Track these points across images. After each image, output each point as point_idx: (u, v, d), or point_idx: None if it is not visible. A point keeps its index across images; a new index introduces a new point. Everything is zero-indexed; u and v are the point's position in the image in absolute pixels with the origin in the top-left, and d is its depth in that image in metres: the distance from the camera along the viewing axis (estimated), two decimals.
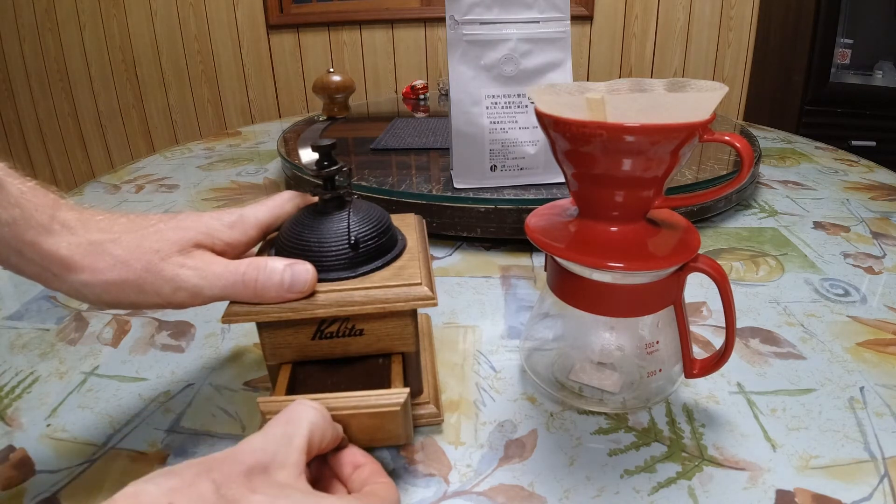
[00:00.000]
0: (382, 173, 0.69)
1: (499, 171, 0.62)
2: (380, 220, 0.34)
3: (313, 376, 0.33)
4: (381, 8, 2.31)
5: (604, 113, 0.28)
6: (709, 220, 0.66)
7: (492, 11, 0.58)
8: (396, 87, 2.39)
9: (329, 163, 0.33)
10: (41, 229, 0.27)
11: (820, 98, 1.84)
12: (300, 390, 0.32)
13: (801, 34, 1.87)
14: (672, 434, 0.35)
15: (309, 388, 0.32)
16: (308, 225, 0.33)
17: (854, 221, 0.66)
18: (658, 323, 0.35)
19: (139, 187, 0.84)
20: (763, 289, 0.52)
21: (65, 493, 0.32)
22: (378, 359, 0.33)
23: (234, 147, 1.07)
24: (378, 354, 0.33)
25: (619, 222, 0.33)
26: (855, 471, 0.32)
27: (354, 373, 0.33)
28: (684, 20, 2.24)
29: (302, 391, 0.32)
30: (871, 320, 0.46)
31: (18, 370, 0.43)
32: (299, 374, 0.33)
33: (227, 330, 0.47)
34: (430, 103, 1.23)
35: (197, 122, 2.47)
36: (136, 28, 2.31)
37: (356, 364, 0.33)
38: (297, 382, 0.32)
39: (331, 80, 1.03)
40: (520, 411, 0.37)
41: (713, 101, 0.29)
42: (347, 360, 0.33)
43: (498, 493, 0.31)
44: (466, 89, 0.60)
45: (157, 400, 0.39)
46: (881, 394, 0.38)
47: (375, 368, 0.33)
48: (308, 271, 0.30)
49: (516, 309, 0.49)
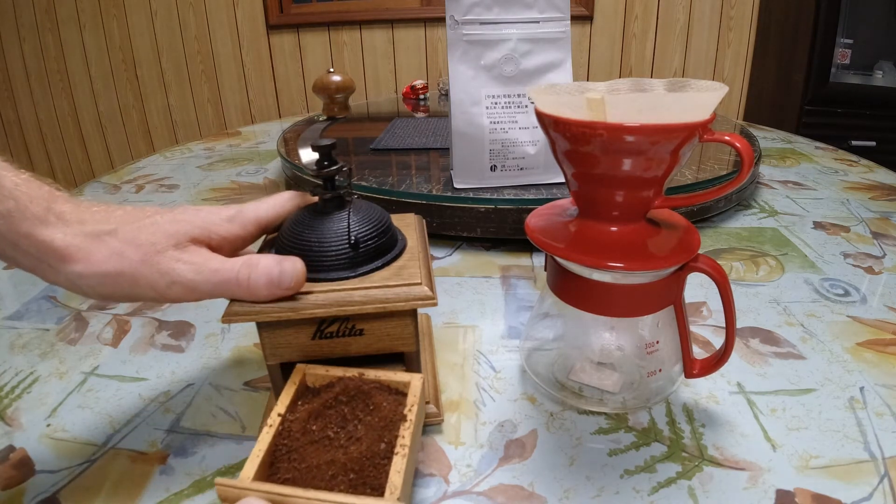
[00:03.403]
0: (382, 173, 0.69)
1: (499, 171, 0.62)
2: (380, 219, 0.34)
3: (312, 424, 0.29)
4: (381, 8, 2.31)
5: (604, 113, 0.28)
6: (709, 220, 0.66)
7: (492, 11, 0.58)
8: (396, 87, 2.39)
9: (329, 163, 0.33)
10: (36, 221, 0.27)
11: (820, 98, 1.85)
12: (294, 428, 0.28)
13: (801, 34, 1.87)
14: (672, 434, 0.35)
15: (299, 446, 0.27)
16: (308, 225, 0.33)
17: (854, 221, 0.66)
18: (658, 323, 0.35)
19: (139, 187, 0.84)
20: (763, 289, 0.52)
21: (65, 493, 0.32)
22: (394, 416, 0.29)
23: (234, 147, 1.07)
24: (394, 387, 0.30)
25: (619, 222, 0.33)
26: (855, 471, 0.32)
27: (361, 428, 0.28)
28: (684, 20, 2.24)
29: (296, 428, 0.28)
30: (871, 320, 0.46)
31: (18, 370, 0.43)
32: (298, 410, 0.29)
33: (227, 330, 0.47)
34: (430, 103, 1.23)
35: (197, 122, 2.47)
36: (136, 28, 2.31)
37: (371, 417, 0.28)
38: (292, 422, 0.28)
39: (331, 81, 1.03)
40: (520, 411, 0.37)
41: (713, 101, 0.29)
42: (364, 403, 0.29)
43: (498, 493, 0.31)
44: (466, 89, 0.60)
45: (157, 400, 0.39)
46: (881, 394, 0.38)
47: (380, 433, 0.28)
48: (295, 267, 0.30)
49: (516, 309, 0.49)
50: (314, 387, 0.31)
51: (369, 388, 0.30)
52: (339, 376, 0.31)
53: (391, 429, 0.27)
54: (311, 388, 0.31)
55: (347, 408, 0.29)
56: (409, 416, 0.28)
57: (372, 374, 0.30)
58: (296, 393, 0.30)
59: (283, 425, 0.28)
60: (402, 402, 0.29)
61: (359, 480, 0.25)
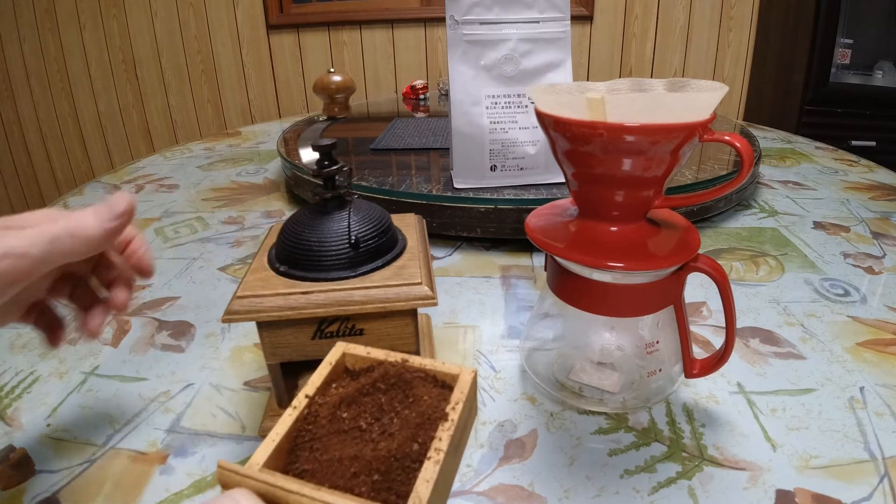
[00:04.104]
0: (382, 173, 0.69)
1: (499, 171, 0.62)
2: (380, 219, 0.34)
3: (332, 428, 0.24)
4: (381, 8, 2.31)
5: (604, 113, 0.28)
6: (709, 220, 0.66)
7: (492, 11, 0.58)
8: (396, 87, 2.39)
9: (329, 163, 0.33)
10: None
11: (820, 98, 1.84)
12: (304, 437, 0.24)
13: (801, 34, 1.87)
14: (672, 434, 0.35)
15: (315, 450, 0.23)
16: (308, 224, 0.33)
17: (854, 221, 0.66)
18: (658, 323, 0.35)
19: (139, 187, 0.84)
20: (763, 289, 0.52)
21: (65, 493, 0.32)
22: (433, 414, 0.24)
23: (234, 147, 1.07)
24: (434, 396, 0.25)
25: (619, 222, 0.33)
26: (855, 471, 0.32)
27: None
28: (684, 20, 2.24)
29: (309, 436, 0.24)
30: (871, 320, 0.46)
31: (18, 370, 0.43)
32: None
33: (227, 330, 0.47)
34: (430, 103, 1.23)
35: (197, 122, 2.47)
36: (136, 28, 2.31)
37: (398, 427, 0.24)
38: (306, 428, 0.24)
39: (331, 80, 1.03)
40: (520, 411, 0.37)
41: (713, 101, 0.29)
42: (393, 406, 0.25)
43: (498, 493, 0.31)
44: (466, 89, 0.60)
45: (157, 400, 0.39)
46: (881, 394, 0.38)
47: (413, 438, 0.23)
48: (121, 195, 0.28)
49: (516, 309, 0.49)
50: (353, 369, 0.28)
51: (412, 377, 0.26)
52: (381, 360, 0.27)
53: (427, 427, 0.24)
54: (350, 370, 0.28)
55: (385, 397, 0.25)
56: (452, 414, 0.24)
57: (417, 362, 0.27)
58: (330, 375, 0.26)
59: (309, 409, 0.24)
60: (447, 397, 0.25)
61: (383, 484, 0.21)
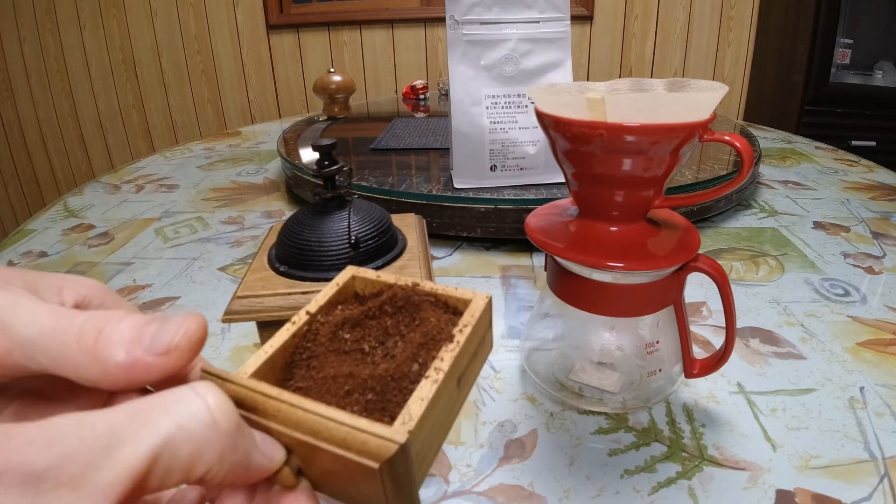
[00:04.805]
0: (382, 173, 0.69)
1: (499, 171, 0.62)
2: (380, 219, 0.34)
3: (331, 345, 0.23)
4: (381, 8, 2.31)
5: (604, 113, 0.28)
6: (709, 220, 0.66)
7: (492, 11, 0.58)
8: (396, 87, 2.39)
9: (329, 162, 0.33)
10: None
11: (820, 98, 1.84)
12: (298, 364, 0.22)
13: (801, 34, 1.87)
14: (672, 434, 0.35)
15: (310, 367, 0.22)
16: (308, 225, 0.33)
17: (854, 221, 0.66)
18: (658, 323, 0.35)
19: (139, 187, 0.84)
20: (763, 289, 0.52)
21: None
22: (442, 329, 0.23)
23: (234, 147, 1.07)
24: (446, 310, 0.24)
25: (619, 222, 0.33)
26: (855, 471, 0.32)
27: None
28: (684, 20, 2.24)
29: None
30: (871, 320, 0.46)
31: None
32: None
33: (228, 330, 0.47)
34: (430, 103, 1.23)
35: (197, 122, 2.47)
36: (136, 28, 2.31)
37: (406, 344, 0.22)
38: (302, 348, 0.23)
39: (331, 80, 1.04)
40: (520, 411, 0.37)
41: (713, 101, 0.29)
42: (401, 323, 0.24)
43: (498, 493, 0.31)
44: (466, 89, 0.60)
45: None
46: (881, 394, 0.38)
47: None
48: (181, 325, 0.19)
49: (516, 309, 0.49)
50: (362, 294, 0.26)
51: (420, 301, 0.24)
52: (390, 283, 0.25)
53: (430, 348, 0.22)
54: (359, 294, 0.26)
55: (392, 320, 0.24)
56: (458, 336, 0.22)
57: (428, 286, 0.25)
58: (336, 295, 0.25)
59: (310, 326, 0.23)
60: (456, 322, 0.23)
61: (377, 404, 0.20)
